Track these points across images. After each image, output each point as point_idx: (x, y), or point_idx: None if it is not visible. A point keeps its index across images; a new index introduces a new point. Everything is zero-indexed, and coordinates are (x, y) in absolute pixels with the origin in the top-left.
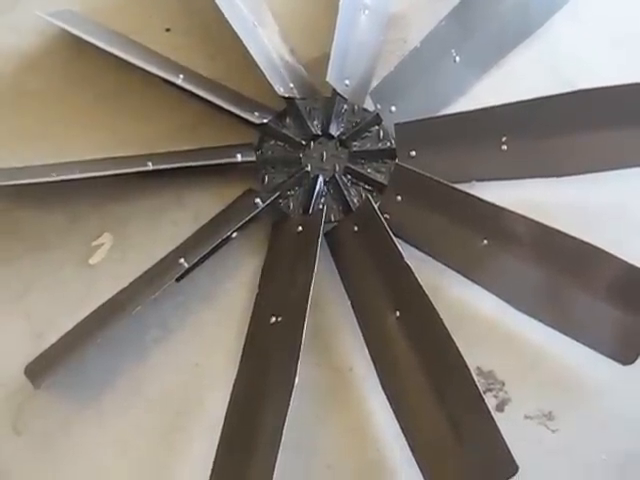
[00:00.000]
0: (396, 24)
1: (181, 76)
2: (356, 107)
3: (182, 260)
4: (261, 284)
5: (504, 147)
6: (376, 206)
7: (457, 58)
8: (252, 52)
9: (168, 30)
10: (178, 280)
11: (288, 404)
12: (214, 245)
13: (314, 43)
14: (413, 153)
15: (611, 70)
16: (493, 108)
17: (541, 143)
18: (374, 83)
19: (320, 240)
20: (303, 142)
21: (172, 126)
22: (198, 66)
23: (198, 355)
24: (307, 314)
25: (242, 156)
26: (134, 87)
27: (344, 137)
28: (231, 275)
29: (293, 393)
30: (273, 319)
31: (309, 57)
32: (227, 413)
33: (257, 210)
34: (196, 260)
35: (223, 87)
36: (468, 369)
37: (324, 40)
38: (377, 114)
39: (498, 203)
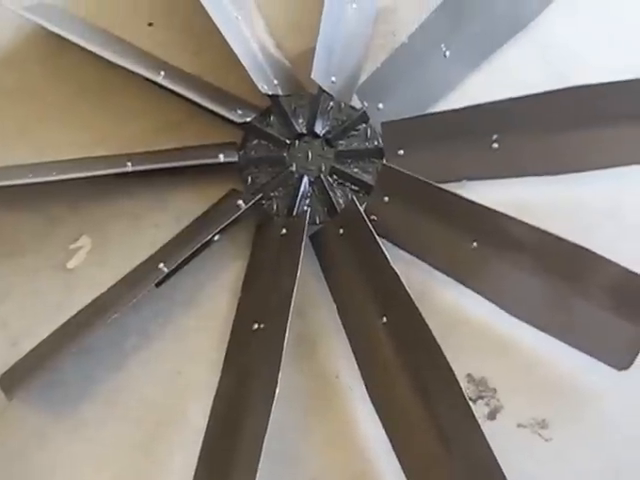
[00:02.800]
0: (385, 17)
1: (162, 73)
2: (343, 104)
3: (162, 265)
4: (244, 289)
5: (495, 145)
6: (362, 208)
7: (447, 52)
8: (234, 48)
9: (151, 25)
10: (158, 285)
11: (269, 414)
12: (195, 248)
13: (301, 37)
14: (401, 152)
15: (606, 65)
16: (484, 105)
17: (533, 141)
18: (362, 79)
19: (304, 243)
20: (287, 141)
21: (154, 124)
22: (181, 61)
23: (179, 363)
24: (289, 320)
25: (225, 156)
26: (114, 84)
27: (330, 136)
28: (213, 279)
29: (274, 402)
30: (255, 325)
31: (295, 51)
32: (208, 423)
33: (240, 212)
34: (176, 264)
35: (206, 84)
36: (455, 377)
37: (311, 34)
38: (364, 112)
39: (489, 203)
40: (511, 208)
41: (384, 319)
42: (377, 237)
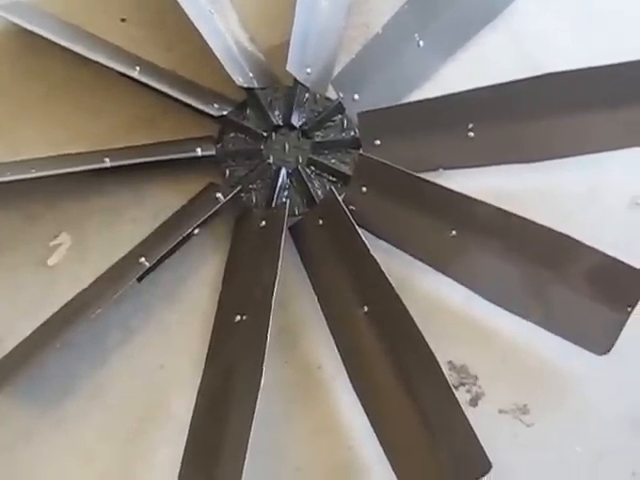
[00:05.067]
0: (358, 9)
1: (137, 68)
2: (318, 96)
3: (143, 259)
4: (225, 281)
5: (471, 134)
6: (340, 198)
7: (421, 42)
8: (209, 41)
9: (124, 20)
10: (139, 280)
11: (254, 405)
12: (175, 242)
13: (275, 30)
14: (377, 142)
15: (580, 51)
16: (459, 94)
17: (509, 129)
18: (337, 70)
19: (284, 234)
20: (264, 134)
21: (129, 120)
22: (155, 57)
23: (162, 357)
24: (272, 311)
25: (202, 150)
26: (88, 80)
27: (306, 127)
28: (194, 273)
29: (259, 394)
30: (238, 317)
31: (270, 45)
32: (193, 416)
33: (218, 205)
34: (157, 259)
35: (181, 78)
36: (438, 364)
37: (285, 27)
38: (340, 103)
39: (466, 191)
40: (489, 196)
41: (365, 308)
42: (357, 227)
